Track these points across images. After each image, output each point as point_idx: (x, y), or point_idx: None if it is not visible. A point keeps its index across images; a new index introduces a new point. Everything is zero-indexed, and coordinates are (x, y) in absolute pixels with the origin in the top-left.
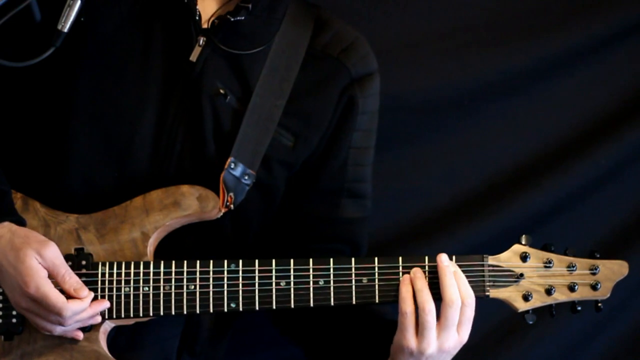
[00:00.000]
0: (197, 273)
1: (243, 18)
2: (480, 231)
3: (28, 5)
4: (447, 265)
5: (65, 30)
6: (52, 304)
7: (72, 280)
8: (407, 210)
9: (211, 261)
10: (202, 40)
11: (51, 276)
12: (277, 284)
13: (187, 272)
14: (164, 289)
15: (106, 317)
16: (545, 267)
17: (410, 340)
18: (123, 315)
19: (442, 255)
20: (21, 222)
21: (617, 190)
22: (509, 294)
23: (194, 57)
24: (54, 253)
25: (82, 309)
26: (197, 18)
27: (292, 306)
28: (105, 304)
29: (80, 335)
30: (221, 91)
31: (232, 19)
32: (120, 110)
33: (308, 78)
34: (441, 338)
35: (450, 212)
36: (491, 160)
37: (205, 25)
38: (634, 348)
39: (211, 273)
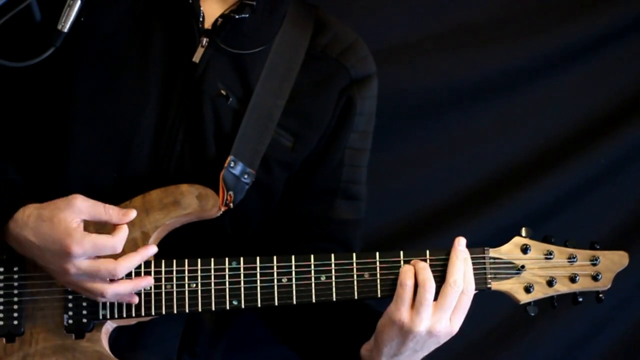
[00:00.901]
0: (199, 271)
1: (247, 16)
2: (480, 230)
3: (28, 5)
4: (462, 250)
5: (65, 30)
6: (103, 244)
7: (114, 210)
8: (406, 209)
9: (212, 259)
10: (204, 41)
11: (96, 220)
12: (279, 280)
13: (189, 270)
14: (165, 288)
15: (108, 317)
16: (546, 258)
17: (404, 313)
18: (125, 315)
19: (461, 239)
20: None
21: (617, 189)
22: (511, 286)
23: (196, 58)
24: (82, 200)
25: (127, 234)
26: (201, 19)
27: (295, 302)
28: (149, 280)
29: (135, 299)
30: (222, 92)
31: (237, 17)
32: (119, 111)
33: (307, 78)
34: (435, 318)
35: (450, 211)
36: (491, 160)
37: (207, 26)
38: (634, 348)
39: (212, 271)
